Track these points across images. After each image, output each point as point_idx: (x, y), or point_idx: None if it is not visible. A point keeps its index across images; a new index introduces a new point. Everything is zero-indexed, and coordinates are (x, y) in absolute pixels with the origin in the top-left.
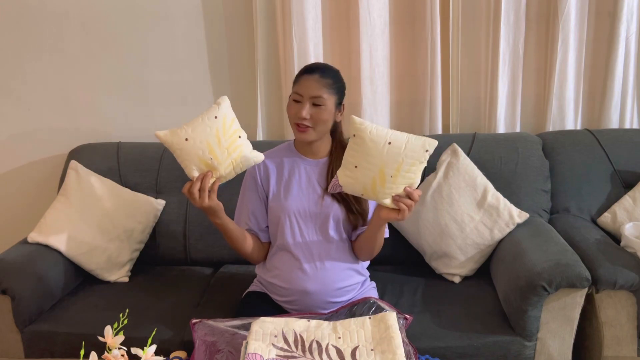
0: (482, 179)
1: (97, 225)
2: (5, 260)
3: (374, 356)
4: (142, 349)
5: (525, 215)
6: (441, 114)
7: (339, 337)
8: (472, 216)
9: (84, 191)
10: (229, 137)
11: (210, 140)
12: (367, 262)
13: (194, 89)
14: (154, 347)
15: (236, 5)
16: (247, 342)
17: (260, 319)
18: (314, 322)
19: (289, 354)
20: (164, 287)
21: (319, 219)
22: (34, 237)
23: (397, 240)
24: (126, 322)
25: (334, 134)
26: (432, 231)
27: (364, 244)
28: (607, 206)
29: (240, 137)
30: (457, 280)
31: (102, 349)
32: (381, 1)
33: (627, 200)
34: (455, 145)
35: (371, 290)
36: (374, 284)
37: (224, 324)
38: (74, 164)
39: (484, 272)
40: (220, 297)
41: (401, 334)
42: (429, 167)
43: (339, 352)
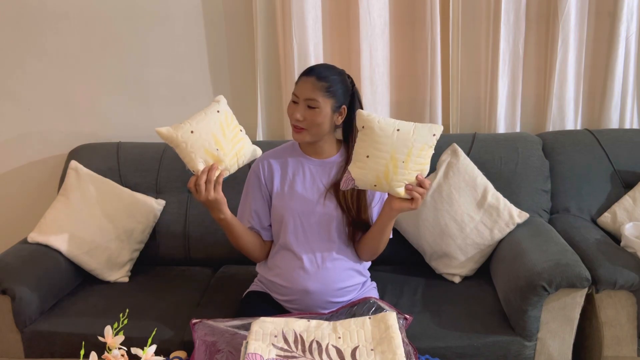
0: (482, 179)
1: (97, 225)
2: (5, 260)
3: (374, 356)
4: (142, 349)
5: (525, 215)
6: (441, 114)
7: (339, 337)
8: (472, 216)
9: (84, 191)
10: (232, 129)
11: (215, 131)
12: (368, 263)
13: (194, 89)
14: (154, 347)
15: (236, 5)
16: (247, 342)
17: (260, 319)
18: (314, 322)
19: (289, 354)
20: (164, 287)
21: (322, 219)
22: (34, 237)
23: (397, 240)
24: (126, 322)
25: (350, 136)
26: (432, 231)
27: (370, 242)
28: (607, 206)
29: (241, 131)
30: (457, 280)
31: (102, 349)
32: (381, 1)
33: (627, 200)
34: (455, 145)
35: (371, 290)
36: (374, 284)
37: (224, 324)
38: (74, 164)
39: (484, 272)
40: (220, 297)
41: (401, 334)
42: (429, 167)
43: (339, 352)
